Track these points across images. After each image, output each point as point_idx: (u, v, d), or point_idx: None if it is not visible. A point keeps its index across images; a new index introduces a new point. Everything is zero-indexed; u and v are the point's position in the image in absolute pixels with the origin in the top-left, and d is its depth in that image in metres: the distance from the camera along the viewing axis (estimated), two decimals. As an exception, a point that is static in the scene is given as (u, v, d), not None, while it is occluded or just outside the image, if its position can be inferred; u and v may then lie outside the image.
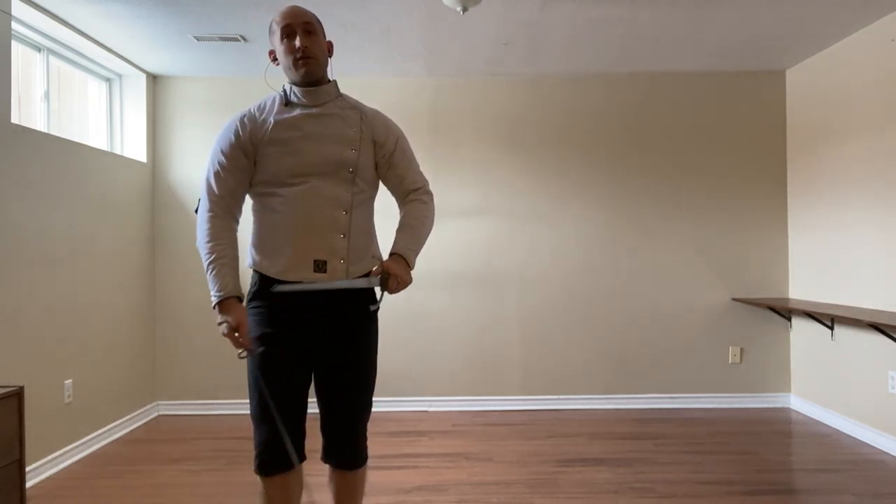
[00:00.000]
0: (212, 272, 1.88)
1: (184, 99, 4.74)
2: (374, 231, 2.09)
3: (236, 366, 4.68)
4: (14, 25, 3.42)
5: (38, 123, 3.73)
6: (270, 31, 2.01)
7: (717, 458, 3.59)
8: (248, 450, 3.80)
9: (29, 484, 3.24)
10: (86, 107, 4.34)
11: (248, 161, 1.94)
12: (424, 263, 4.72)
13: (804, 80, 4.53)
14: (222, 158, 1.94)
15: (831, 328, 4.19)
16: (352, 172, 1.95)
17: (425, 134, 4.74)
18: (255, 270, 1.98)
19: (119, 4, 3.41)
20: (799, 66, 4.59)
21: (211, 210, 1.93)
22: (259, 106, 2.01)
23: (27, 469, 3.22)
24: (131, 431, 4.24)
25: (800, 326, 4.59)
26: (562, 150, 4.77)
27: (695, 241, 4.76)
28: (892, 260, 3.62)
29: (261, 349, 1.90)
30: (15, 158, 3.18)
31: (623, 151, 4.77)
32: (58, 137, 3.57)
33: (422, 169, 4.72)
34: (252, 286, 1.98)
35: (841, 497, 3.01)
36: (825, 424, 4.24)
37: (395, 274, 1.89)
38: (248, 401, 4.12)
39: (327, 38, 2.43)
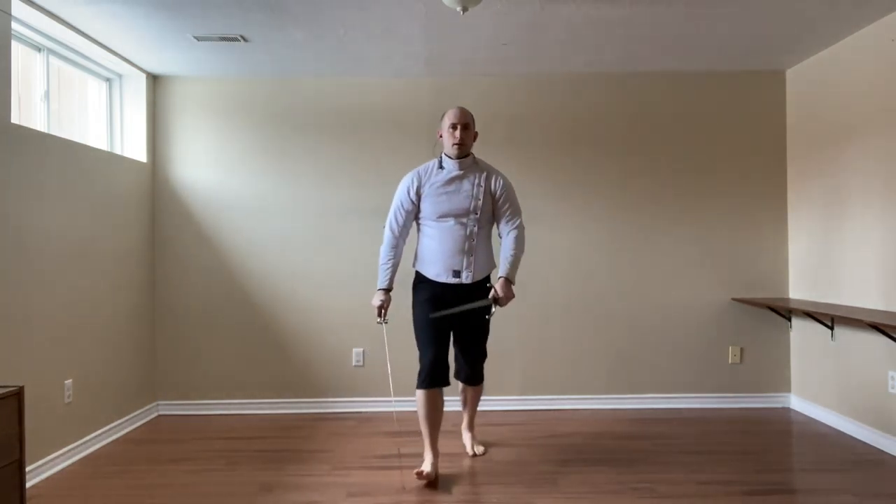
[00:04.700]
0: (384, 270, 3.27)
1: (184, 99, 4.74)
2: (491, 247, 3.35)
3: (236, 366, 4.68)
4: (14, 25, 3.42)
5: (38, 123, 3.73)
6: (442, 119, 3.28)
7: (717, 458, 3.59)
8: (248, 450, 3.80)
9: (29, 484, 3.24)
10: (86, 107, 4.35)
11: (415, 207, 3.28)
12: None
13: (804, 80, 4.53)
14: (405, 201, 3.27)
15: (831, 328, 4.19)
16: (476, 215, 3.22)
17: (425, 135, 4.72)
18: (417, 271, 3.33)
19: (119, 4, 3.41)
20: (799, 66, 4.59)
21: (393, 234, 3.29)
22: (426, 168, 3.30)
23: (27, 469, 3.21)
24: (131, 431, 4.25)
25: (800, 326, 4.59)
26: (561, 150, 4.77)
27: (694, 241, 4.76)
28: (892, 260, 3.62)
29: (386, 321, 3.30)
30: (15, 158, 3.18)
31: (623, 151, 4.77)
32: (58, 137, 3.57)
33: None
34: (416, 277, 3.33)
35: (841, 497, 3.01)
36: (825, 424, 4.24)
37: (505, 296, 3.21)
38: (250, 401, 4.75)
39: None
